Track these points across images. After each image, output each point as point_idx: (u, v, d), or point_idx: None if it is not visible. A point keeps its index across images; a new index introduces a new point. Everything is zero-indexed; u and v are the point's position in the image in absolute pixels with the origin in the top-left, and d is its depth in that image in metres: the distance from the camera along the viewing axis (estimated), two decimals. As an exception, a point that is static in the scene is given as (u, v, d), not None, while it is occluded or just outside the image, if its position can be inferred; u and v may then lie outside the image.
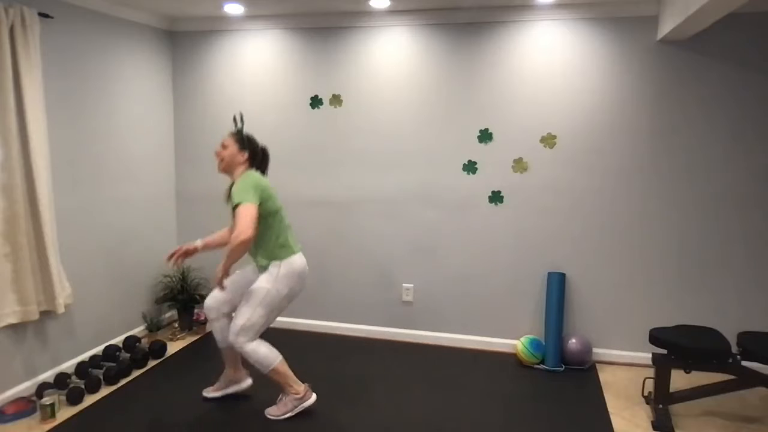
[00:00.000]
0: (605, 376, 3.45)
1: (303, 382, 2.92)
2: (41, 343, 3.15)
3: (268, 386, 3.12)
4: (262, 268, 2.83)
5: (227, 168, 2.83)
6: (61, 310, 3.05)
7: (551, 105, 3.55)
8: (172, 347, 3.79)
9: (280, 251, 2.80)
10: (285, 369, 2.84)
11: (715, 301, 3.47)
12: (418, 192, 3.84)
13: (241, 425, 2.80)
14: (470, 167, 3.73)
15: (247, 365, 3.19)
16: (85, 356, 3.44)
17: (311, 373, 3.41)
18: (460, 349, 3.85)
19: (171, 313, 4.30)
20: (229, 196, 2.85)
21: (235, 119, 2.98)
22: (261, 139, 4.07)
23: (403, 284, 3.95)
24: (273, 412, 2.88)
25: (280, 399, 2.91)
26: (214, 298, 2.95)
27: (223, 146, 2.81)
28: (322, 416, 2.90)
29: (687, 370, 2.82)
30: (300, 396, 2.86)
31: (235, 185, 2.71)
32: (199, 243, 3.01)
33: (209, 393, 3.09)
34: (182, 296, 4.03)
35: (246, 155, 2.82)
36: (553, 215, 3.64)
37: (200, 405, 3.00)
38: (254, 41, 3.98)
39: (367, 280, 4.01)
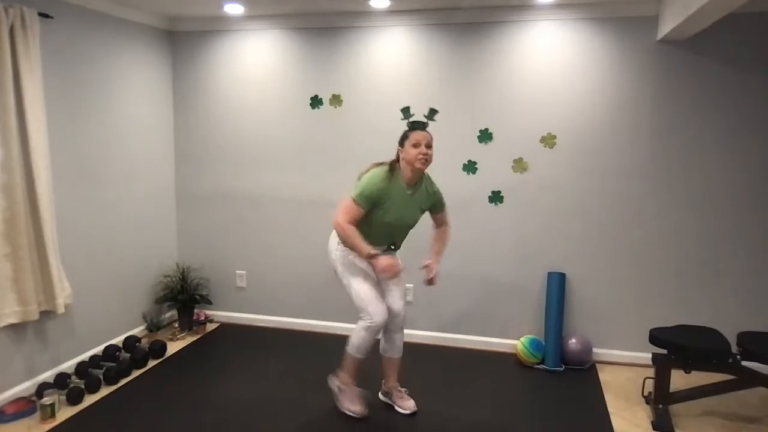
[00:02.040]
0: (605, 376, 3.45)
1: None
2: (41, 343, 3.15)
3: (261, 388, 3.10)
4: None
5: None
6: (61, 310, 3.06)
7: (551, 105, 3.55)
8: (172, 347, 3.79)
9: None
10: None
11: (715, 301, 3.47)
12: (418, 192, 3.83)
13: (241, 424, 2.80)
14: (470, 167, 3.73)
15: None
16: (85, 356, 3.44)
17: (312, 374, 3.41)
18: (460, 349, 3.85)
19: (171, 313, 4.29)
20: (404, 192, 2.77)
21: (431, 114, 2.76)
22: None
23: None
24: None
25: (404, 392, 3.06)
26: (383, 310, 2.81)
27: (430, 146, 2.69)
28: (322, 416, 2.90)
29: (687, 370, 2.82)
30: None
31: (434, 186, 2.89)
32: (430, 262, 2.97)
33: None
34: (182, 296, 4.03)
35: None
36: (553, 215, 3.64)
37: (200, 405, 3.00)
38: (254, 41, 3.98)
39: (367, 280, 4.01)
